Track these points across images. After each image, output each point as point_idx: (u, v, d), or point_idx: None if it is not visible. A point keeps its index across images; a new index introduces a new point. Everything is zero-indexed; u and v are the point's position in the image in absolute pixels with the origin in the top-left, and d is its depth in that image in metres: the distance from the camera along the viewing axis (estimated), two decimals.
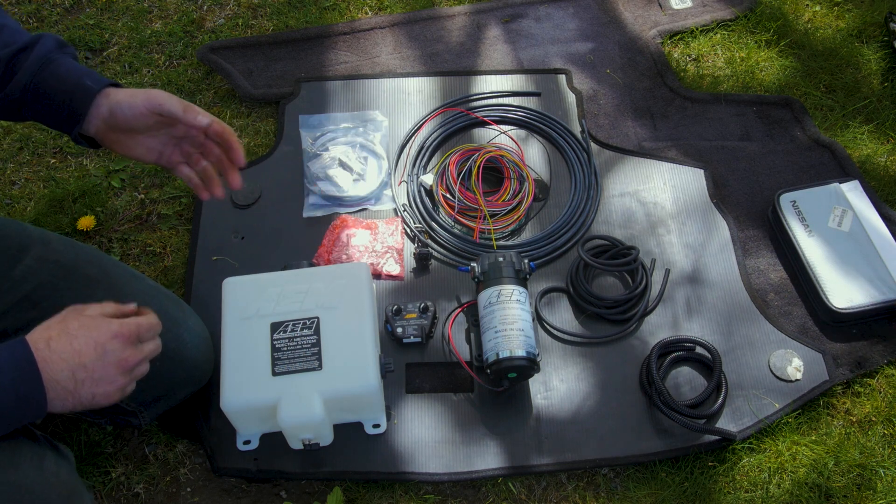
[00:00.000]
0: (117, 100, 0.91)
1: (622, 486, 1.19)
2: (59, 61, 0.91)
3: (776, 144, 1.52)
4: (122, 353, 0.83)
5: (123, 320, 0.85)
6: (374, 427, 1.18)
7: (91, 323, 0.82)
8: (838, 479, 1.18)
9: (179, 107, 0.92)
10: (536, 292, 1.33)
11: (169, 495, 1.19)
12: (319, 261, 1.35)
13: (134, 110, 0.91)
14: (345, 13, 1.73)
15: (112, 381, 0.82)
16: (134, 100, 0.91)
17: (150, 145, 0.96)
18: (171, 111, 0.92)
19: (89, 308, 0.85)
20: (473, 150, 1.47)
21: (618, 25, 1.70)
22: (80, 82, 0.90)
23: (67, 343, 0.79)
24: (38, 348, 0.78)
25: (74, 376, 0.79)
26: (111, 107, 0.91)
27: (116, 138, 0.94)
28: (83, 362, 0.80)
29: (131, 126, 0.93)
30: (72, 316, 0.83)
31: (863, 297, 1.28)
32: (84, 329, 0.81)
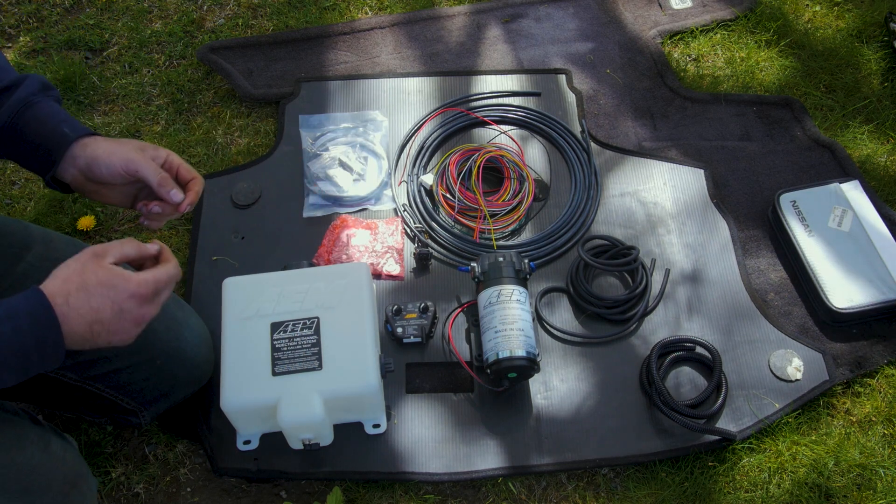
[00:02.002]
0: (95, 156, 0.92)
1: (622, 486, 1.19)
2: (41, 104, 0.92)
3: (776, 144, 1.52)
4: (139, 311, 0.82)
5: (141, 279, 0.82)
6: (374, 427, 1.18)
7: (110, 280, 0.80)
8: (838, 479, 1.18)
9: (155, 179, 0.93)
10: (536, 292, 1.33)
11: (169, 495, 1.19)
12: (319, 261, 1.35)
13: (111, 170, 0.92)
14: (345, 13, 1.73)
15: (127, 332, 0.82)
16: (111, 160, 0.92)
17: (126, 192, 0.97)
18: (146, 180, 0.94)
19: (109, 254, 0.83)
20: (473, 150, 1.47)
21: (618, 25, 1.70)
22: (58, 129, 0.92)
23: (85, 300, 0.78)
24: (57, 304, 0.77)
25: (91, 329, 0.79)
26: (88, 161, 0.92)
27: (93, 188, 0.95)
28: (100, 318, 0.79)
29: (106, 181, 0.94)
30: (91, 267, 0.80)
31: (863, 297, 1.28)
32: (102, 287, 0.79)
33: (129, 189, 0.97)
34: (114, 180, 0.94)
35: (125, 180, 0.94)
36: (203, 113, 1.58)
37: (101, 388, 1.08)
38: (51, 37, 1.69)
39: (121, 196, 0.97)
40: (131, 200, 0.98)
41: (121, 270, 0.82)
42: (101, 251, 0.82)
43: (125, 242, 0.85)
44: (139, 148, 0.94)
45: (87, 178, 0.94)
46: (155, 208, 0.97)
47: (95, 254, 0.82)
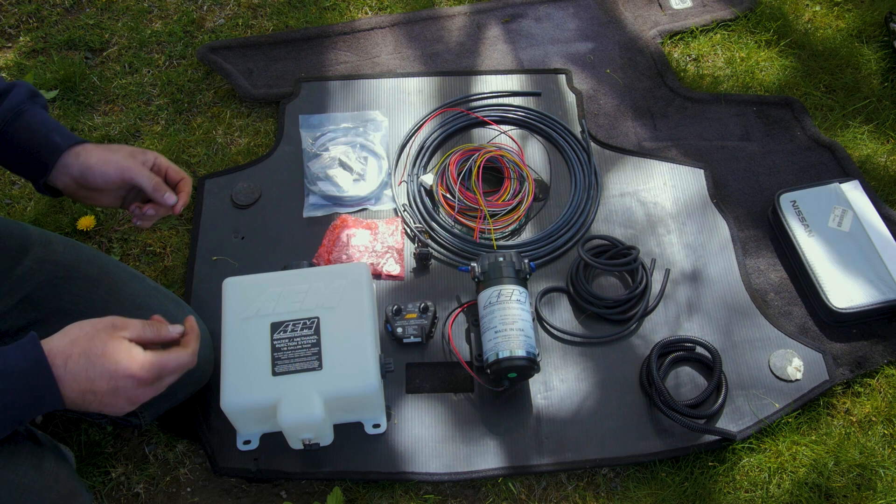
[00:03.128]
0: (88, 164, 0.94)
1: (622, 486, 1.19)
2: (31, 112, 0.94)
3: (776, 144, 1.52)
4: (135, 392, 0.82)
5: (145, 361, 0.81)
6: (374, 427, 1.18)
7: (115, 353, 0.80)
8: (838, 479, 1.18)
9: (150, 185, 0.97)
10: (536, 292, 1.33)
11: (169, 495, 1.19)
12: (319, 261, 1.35)
13: (105, 178, 0.95)
14: (345, 13, 1.73)
15: (119, 408, 0.82)
16: (106, 169, 0.95)
17: (117, 195, 1.01)
18: (141, 186, 0.97)
19: (127, 329, 0.83)
20: (473, 150, 1.47)
21: (618, 25, 1.70)
22: (49, 137, 0.94)
23: (84, 368, 0.78)
24: (55, 364, 0.77)
25: (84, 397, 0.79)
26: (82, 170, 0.94)
27: (85, 194, 0.98)
28: (94, 389, 0.79)
29: (101, 188, 0.97)
30: (102, 337, 0.80)
31: (863, 297, 1.28)
32: (104, 359, 0.79)
33: (121, 192, 1.00)
34: (108, 187, 0.97)
35: (119, 186, 0.97)
36: (203, 113, 1.58)
37: None
38: (51, 37, 1.69)
39: (112, 199, 1.01)
40: (121, 201, 1.02)
41: (129, 347, 0.81)
42: (120, 324, 0.82)
43: (148, 324, 0.86)
44: (130, 154, 0.97)
45: (80, 185, 0.96)
46: (149, 211, 1.00)
47: (114, 325, 0.82)
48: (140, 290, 1.11)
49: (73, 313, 1.04)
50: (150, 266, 1.39)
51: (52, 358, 0.77)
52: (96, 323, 0.81)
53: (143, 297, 1.11)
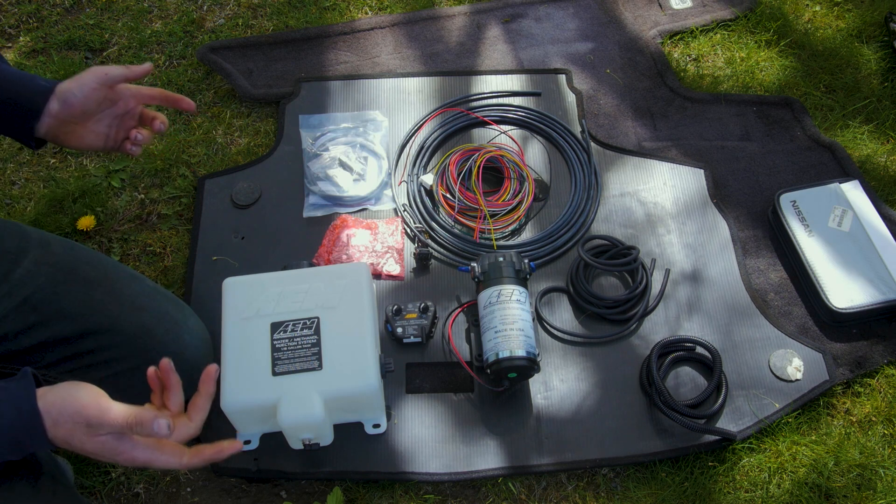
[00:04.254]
0: (66, 87, 0.95)
1: (622, 486, 1.19)
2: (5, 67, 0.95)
3: (776, 144, 1.52)
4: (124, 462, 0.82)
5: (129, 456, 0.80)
6: (374, 427, 1.18)
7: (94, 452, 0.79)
8: (838, 479, 1.18)
9: (122, 68, 0.98)
10: (536, 292, 1.33)
11: (169, 495, 1.19)
12: (319, 261, 1.35)
13: (84, 89, 0.95)
14: (345, 13, 1.73)
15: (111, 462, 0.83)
16: (81, 79, 0.95)
17: (98, 130, 1.00)
18: (116, 74, 0.97)
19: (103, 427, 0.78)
20: (473, 150, 1.47)
21: (618, 25, 1.70)
22: (34, 82, 0.94)
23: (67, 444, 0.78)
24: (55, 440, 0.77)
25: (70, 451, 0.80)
26: (61, 97, 0.94)
27: (68, 130, 0.97)
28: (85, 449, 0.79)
29: (84, 109, 0.96)
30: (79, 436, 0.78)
31: (863, 297, 1.28)
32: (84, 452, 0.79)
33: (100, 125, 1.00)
34: (88, 103, 0.96)
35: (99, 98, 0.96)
36: (203, 113, 1.58)
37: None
38: (51, 37, 1.69)
39: (94, 134, 0.99)
40: (103, 139, 1.01)
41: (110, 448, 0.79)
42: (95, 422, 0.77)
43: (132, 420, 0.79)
44: None
45: (62, 121, 0.96)
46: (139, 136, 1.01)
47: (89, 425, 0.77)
48: (139, 291, 1.11)
49: (73, 315, 1.04)
50: (150, 266, 1.39)
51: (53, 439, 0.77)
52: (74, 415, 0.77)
53: (142, 297, 1.11)
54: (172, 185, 1.48)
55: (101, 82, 0.96)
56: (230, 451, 0.87)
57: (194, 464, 0.85)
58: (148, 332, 1.08)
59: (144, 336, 1.07)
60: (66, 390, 0.79)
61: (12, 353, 1.02)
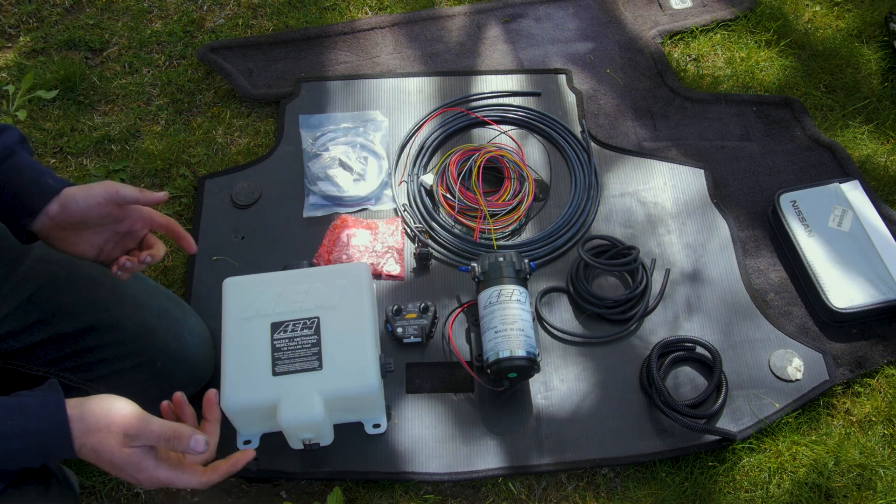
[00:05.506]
0: (71, 194, 0.91)
1: (622, 486, 1.19)
2: (20, 154, 0.91)
3: (776, 144, 1.52)
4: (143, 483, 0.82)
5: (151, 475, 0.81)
6: (375, 427, 1.18)
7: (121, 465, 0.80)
8: (838, 479, 1.18)
9: (135, 190, 0.94)
10: (536, 292, 1.33)
11: (169, 495, 1.19)
12: (319, 261, 1.35)
13: (90, 200, 0.91)
14: (345, 13, 1.73)
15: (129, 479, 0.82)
16: (90, 191, 0.92)
17: (94, 241, 0.96)
18: (128, 195, 0.94)
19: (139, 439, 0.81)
20: (473, 150, 1.47)
21: (618, 25, 1.70)
22: (41, 179, 0.91)
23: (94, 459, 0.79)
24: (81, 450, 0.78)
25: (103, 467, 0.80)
26: (63, 202, 0.91)
27: (63, 235, 0.94)
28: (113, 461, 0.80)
29: (84, 219, 0.93)
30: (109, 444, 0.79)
31: (863, 297, 1.28)
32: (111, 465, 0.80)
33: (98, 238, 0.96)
34: (90, 214, 0.92)
35: (102, 213, 0.93)
36: (203, 113, 1.58)
37: (102, 389, 1.07)
38: (51, 37, 1.69)
39: (88, 244, 0.96)
40: (97, 251, 0.97)
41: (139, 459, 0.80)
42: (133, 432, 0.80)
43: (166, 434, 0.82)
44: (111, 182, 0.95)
45: (59, 225, 0.92)
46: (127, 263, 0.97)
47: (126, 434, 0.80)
48: (141, 290, 1.11)
49: (75, 312, 1.04)
50: (150, 266, 1.39)
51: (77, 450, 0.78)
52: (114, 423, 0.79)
53: (143, 296, 1.11)
54: (172, 185, 1.48)
55: (110, 199, 0.93)
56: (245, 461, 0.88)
57: (213, 480, 0.86)
58: (149, 331, 1.08)
59: (146, 334, 1.08)
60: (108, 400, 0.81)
61: (15, 351, 1.03)
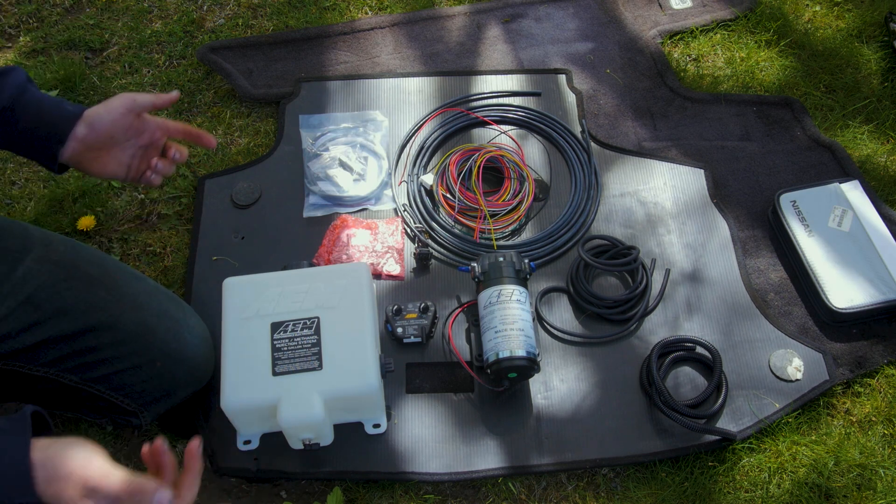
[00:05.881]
0: (94, 112, 0.96)
1: (622, 486, 1.19)
2: (34, 89, 0.95)
3: (776, 144, 1.52)
4: None
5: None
6: (375, 427, 1.18)
7: None
8: (838, 479, 1.18)
9: (150, 96, 1.00)
10: (536, 292, 1.33)
11: None
12: (319, 261, 1.35)
13: (112, 114, 0.96)
14: (345, 13, 1.73)
15: None
16: (109, 106, 0.96)
17: (122, 159, 1.00)
18: (144, 102, 0.99)
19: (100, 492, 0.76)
20: (473, 150, 1.47)
21: (618, 25, 1.70)
22: (61, 106, 0.95)
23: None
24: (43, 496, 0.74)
25: None
26: (89, 123, 0.95)
27: (92, 156, 0.98)
28: None
29: (110, 134, 0.97)
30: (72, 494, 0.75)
31: (863, 297, 1.28)
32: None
33: (124, 154, 1.00)
34: (115, 129, 0.96)
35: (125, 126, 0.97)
36: (203, 113, 1.58)
37: (102, 389, 1.08)
38: (51, 37, 1.69)
39: (117, 163, 1.00)
40: (125, 168, 1.01)
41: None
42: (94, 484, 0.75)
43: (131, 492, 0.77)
44: None
45: (87, 147, 0.96)
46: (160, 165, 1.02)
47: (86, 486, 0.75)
48: (141, 290, 1.11)
49: (74, 312, 1.04)
50: (150, 266, 1.39)
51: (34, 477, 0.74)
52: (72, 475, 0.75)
53: (143, 296, 1.11)
54: (172, 185, 1.48)
55: (129, 109, 0.97)
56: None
57: None
58: (149, 331, 1.08)
59: (146, 334, 1.08)
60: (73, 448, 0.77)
61: (15, 352, 1.03)
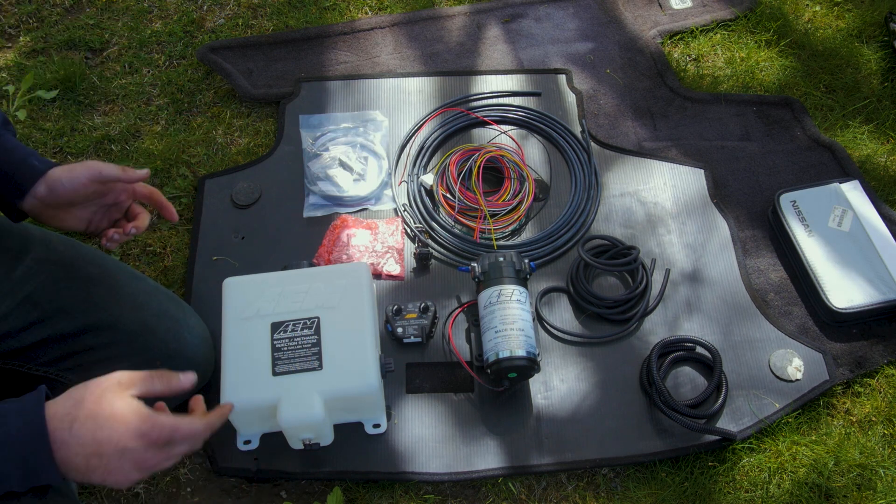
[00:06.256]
0: (56, 176, 0.94)
1: (622, 486, 1.19)
2: (5, 136, 0.94)
3: (776, 144, 1.52)
4: (144, 455, 0.77)
5: (158, 422, 0.78)
6: (375, 427, 1.18)
7: (124, 413, 0.76)
8: (838, 479, 1.18)
9: (117, 169, 0.97)
10: (537, 292, 1.33)
11: (169, 495, 1.19)
12: (319, 261, 1.35)
13: (75, 182, 0.95)
14: (345, 13, 1.73)
15: (126, 475, 0.77)
16: (73, 172, 0.95)
17: (82, 216, 1.00)
18: (110, 174, 0.96)
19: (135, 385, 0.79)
20: (474, 149, 1.47)
21: (618, 25, 1.70)
22: (27, 161, 0.94)
23: (91, 430, 0.74)
24: (59, 428, 0.73)
25: (88, 462, 0.75)
26: (49, 185, 0.94)
27: (51, 213, 0.97)
28: (101, 452, 0.75)
29: (70, 199, 0.96)
30: (109, 397, 0.76)
31: (863, 297, 1.28)
32: (113, 420, 0.75)
33: (85, 212, 0.99)
34: (76, 194, 0.95)
35: (87, 191, 0.96)
36: (203, 113, 1.58)
37: None
38: (51, 37, 1.69)
39: (77, 219, 0.99)
40: (86, 223, 1.01)
41: (138, 406, 0.78)
42: (126, 381, 0.79)
43: (156, 377, 0.81)
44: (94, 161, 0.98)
45: (47, 205, 0.95)
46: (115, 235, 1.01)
47: (120, 382, 0.78)
48: (141, 290, 1.11)
49: (74, 311, 1.04)
50: (150, 266, 1.39)
51: (57, 422, 0.74)
52: (101, 382, 0.78)
53: (143, 296, 1.11)
54: (172, 185, 1.48)
55: (93, 179, 0.95)
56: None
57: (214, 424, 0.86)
58: (149, 330, 1.08)
59: (145, 334, 1.08)
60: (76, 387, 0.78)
61: (14, 351, 1.03)
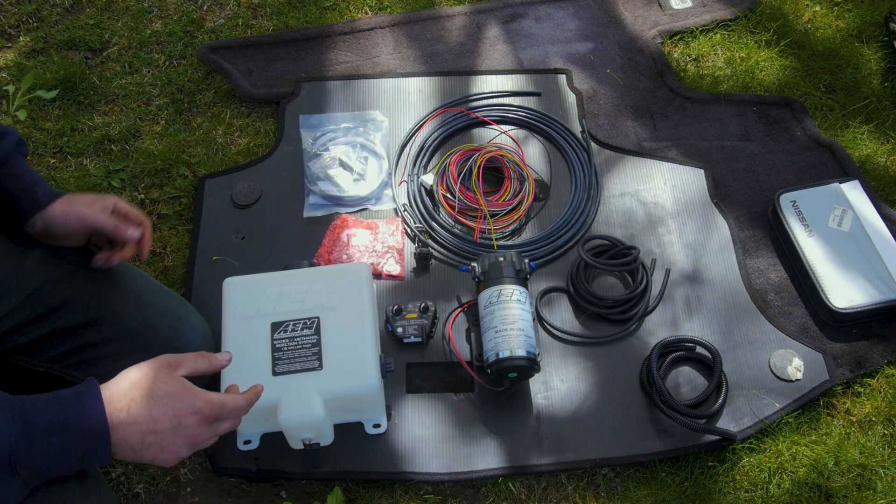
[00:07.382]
0: (53, 218, 1.01)
1: (622, 486, 1.19)
2: (16, 161, 1.00)
3: (776, 144, 1.53)
4: (196, 430, 0.82)
5: (209, 398, 0.83)
6: (375, 427, 1.18)
7: (178, 392, 0.81)
8: (838, 479, 1.18)
9: (110, 228, 1.04)
10: (537, 292, 1.33)
11: (169, 495, 1.19)
12: (320, 261, 1.35)
13: (68, 229, 1.02)
14: (345, 13, 1.73)
15: (176, 452, 0.82)
16: (68, 221, 1.02)
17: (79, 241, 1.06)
18: (103, 231, 1.04)
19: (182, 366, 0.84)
20: (474, 149, 1.47)
21: (618, 25, 1.70)
22: (32, 191, 1.00)
23: (147, 409, 0.78)
24: (116, 409, 0.77)
25: (143, 440, 0.79)
26: (46, 223, 1.01)
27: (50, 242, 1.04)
28: (156, 429, 0.79)
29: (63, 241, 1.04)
30: (162, 377, 0.81)
31: (863, 297, 1.28)
32: (168, 398, 0.80)
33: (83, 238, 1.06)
34: (70, 237, 1.03)
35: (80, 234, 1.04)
36: (203, 113, 1.58)
37: None
38: (51, 37, 1.69)
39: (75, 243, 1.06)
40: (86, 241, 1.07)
41: (190, 385, 0.82)
42: (174, 362, 0.83)
43: (199, 357, 0.87)
44: (90, 203, 1.03)
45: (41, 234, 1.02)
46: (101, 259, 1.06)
47: (169, 364, 0.83)
48: (144, 287, 1.12)
49: (78, 307, 1.04)
50: (151, 266, 1.39)
51: (115, 404, 0.77)
52: (152, 363, 0.82)
53: (146, 293, 1.11)
54: (172, 185, 1.48)
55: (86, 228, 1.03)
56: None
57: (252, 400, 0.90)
58: (151, 328, 1.08)
59: (148, 331, 1.08)
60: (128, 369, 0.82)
61: (19, 347, 1.03)
